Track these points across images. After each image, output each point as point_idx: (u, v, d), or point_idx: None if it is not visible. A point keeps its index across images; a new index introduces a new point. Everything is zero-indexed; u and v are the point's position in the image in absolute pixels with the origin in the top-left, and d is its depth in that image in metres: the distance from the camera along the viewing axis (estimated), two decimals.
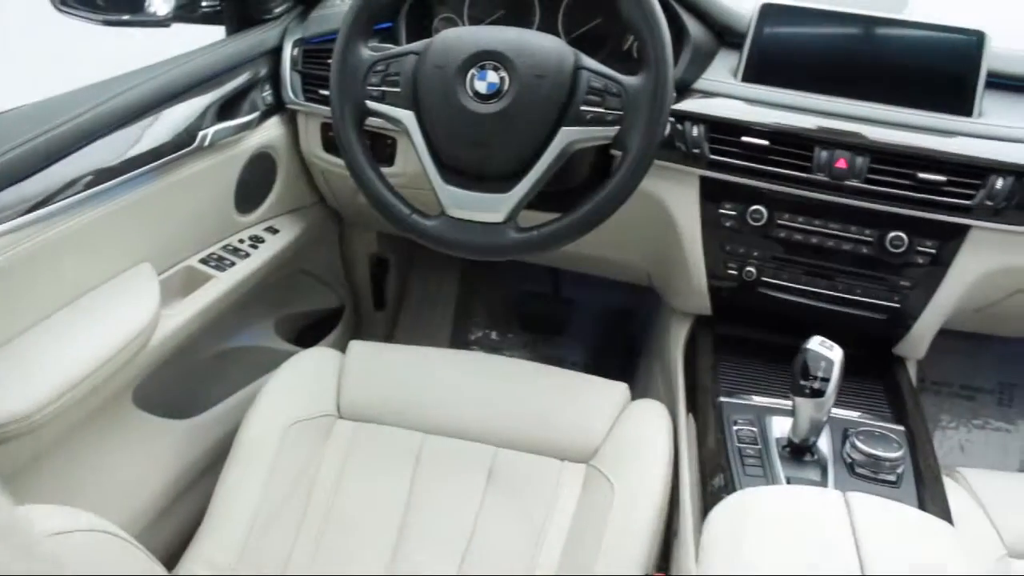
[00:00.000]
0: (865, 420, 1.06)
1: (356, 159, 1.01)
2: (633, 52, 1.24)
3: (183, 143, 1.11)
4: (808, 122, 1.08)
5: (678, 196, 1.15)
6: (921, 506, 0.91)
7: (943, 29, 1.08)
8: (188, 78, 1.13)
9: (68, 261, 0.97)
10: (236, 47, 1.25)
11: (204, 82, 1.16)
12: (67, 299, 0.99)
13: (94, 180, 0.98)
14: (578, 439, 1.06)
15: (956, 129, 1.05)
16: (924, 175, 1.04)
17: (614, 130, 0.93)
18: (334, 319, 1.66)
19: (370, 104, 0.99)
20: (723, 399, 1.08)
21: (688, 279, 1.21)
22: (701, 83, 1.13)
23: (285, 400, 1.09)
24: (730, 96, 1.11)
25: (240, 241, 1.29)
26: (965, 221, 1.05)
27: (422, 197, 1.03)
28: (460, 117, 0.93)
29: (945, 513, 0.93)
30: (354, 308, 1.74)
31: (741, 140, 1.09)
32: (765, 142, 1.08)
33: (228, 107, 1.21)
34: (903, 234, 1.07)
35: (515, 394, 1.11)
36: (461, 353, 1.28)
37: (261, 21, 1.33)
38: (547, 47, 0.94)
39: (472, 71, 0.93)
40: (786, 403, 1.03)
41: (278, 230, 1.37)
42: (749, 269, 1.16)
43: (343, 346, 1.18)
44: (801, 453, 0.98)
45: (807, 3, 1.12)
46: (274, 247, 1.33)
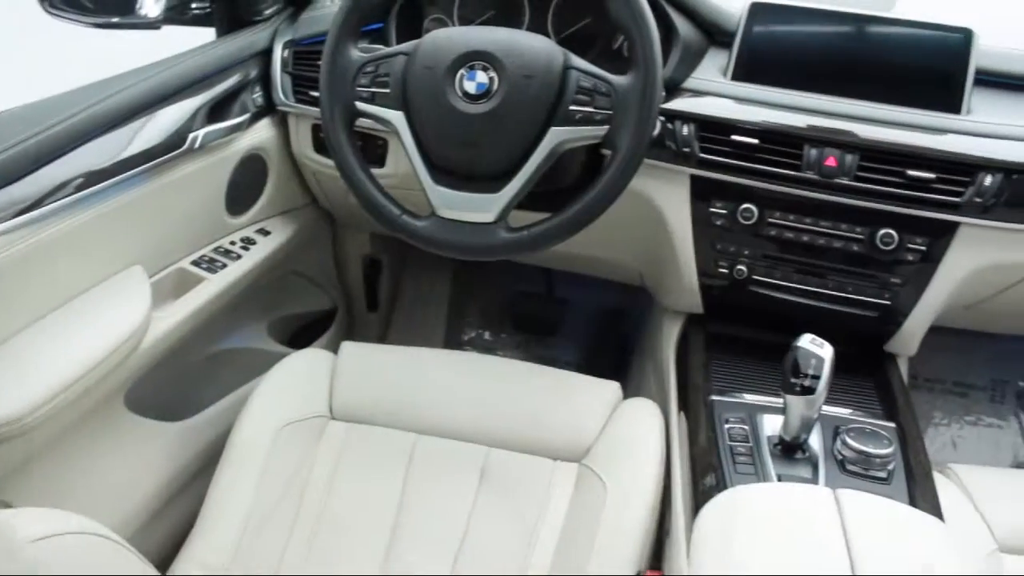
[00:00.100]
0: (856, 417, 1.06)
1: (347, 160, 1.01)
2: (623, 51, 1.24)
3: (174, 145, 1.11)
4: (798, 120, 1.08)
5: (668, 195, 1.15)
6: (912, 502, 0.92)
7: (931, 27, 1.08)
8: (178, 80, 1.13)
9: (59, 264, 0.97)
10: (226, 49, 1.24)
11: (194, 84, 1.16)
12: (58, 302, 0.99)
13: (85, 182, 0.98)
14: (570, 438, 1.06)
15: (945, 126, 1.06)
16: (913, 172, 1.04)
17: (603, 129, 0.93)
18: (327, 320, 1.66)
19: (360, 105, 0.99)
20: (714, 397, 1.09)
21: (679, 278, 1.21)
22: (691, 82, 1.13)
23: (277, 402, 1.09)
24: (720, 95, 1.12)
25: (232, 243, 1.29)
26: (954, 218, 1.06)
27: (413, 198, 1.03)
28: (450, 117, 0.93)
29: (935, 509, 0.93)
30: (347, 309, 1.74)
31: (731, 139, 1.09)
32: (755, 140, 1.09)
33: (219, 109, 1.21)
34: (893, 231, 1.08)
35: (507, 394, 1.11)
36: (453, 353, 1.28)
37: (251, 23, 1.32)
38: (536, 47, 0.94)
39: (461, 71, 0.93)
40: (777, 401, 1.03)
41: (270, 232, 1.37)
42: (740, 267, 1.16)
43: (336, 347, 1.18)
44: (792, 451, 0.98)
45: (796, 2, 1.12)
46: (266, 249, 1.33)
